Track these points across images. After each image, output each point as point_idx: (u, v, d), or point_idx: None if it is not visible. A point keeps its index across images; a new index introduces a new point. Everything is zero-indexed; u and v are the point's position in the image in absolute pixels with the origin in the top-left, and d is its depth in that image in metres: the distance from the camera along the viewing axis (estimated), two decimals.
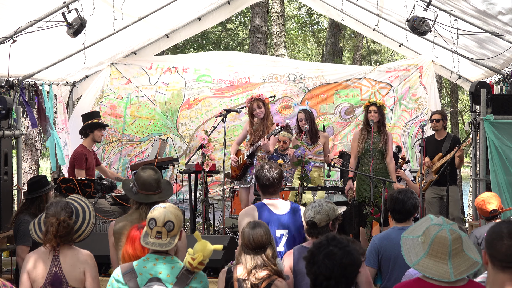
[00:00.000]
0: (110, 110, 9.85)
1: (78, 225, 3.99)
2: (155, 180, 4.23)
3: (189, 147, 9.88)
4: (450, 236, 2.83)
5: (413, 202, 4.41)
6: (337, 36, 15.78)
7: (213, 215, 8.73)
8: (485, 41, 7.15)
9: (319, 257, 2.75)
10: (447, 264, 2.81)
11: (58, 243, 3.85)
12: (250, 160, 7.25)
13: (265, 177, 4.58)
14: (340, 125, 9.92)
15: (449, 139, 8.15)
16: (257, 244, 3.72)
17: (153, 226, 3.35)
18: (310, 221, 4.04)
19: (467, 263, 2.84)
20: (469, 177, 10.40)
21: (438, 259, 2.83)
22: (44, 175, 6.28)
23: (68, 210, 3.95)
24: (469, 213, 13.83)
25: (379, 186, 6.90)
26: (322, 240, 2.85)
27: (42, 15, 6.33)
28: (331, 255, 2.74)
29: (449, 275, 2.79)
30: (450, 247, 2.81)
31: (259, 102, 7.25)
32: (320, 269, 2.73)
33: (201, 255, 3.26)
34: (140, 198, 4.22)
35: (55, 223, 3.83)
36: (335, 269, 2.71)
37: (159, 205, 3.44)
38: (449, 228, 2.86)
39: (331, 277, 2.71)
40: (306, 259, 2.84)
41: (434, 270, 2.81)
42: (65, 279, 3.81)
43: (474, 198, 6.92)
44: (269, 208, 4.58)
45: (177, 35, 9.81)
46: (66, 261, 3.85)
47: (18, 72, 7.76)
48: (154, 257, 3.35)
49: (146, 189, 4.22)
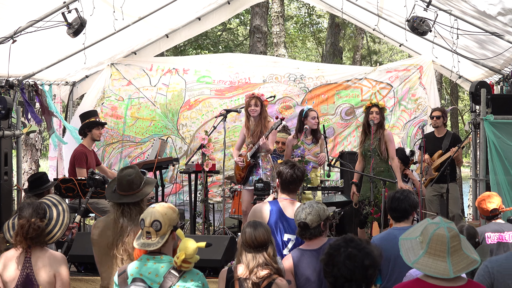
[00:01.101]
0: (111, 111, 9.85)
1: (50, 226, 3.96)
2: (128, 181, 4.01)
3: (190, 148, 9.87)
4: (448, 234, 2.84)
5: (410, 201, 4.42)
6: (337, 36, 15.78)
7: (213, 215, 8.72)
8: (485, 41, 7.15)
9: (339, 259, 2.72)
10: (446, 262, 2.81)
11: (29, 245, 3.82)
12: (254, 160, 7.21)
13: (289, 174, 4.58)
14: (340, 125, 9.91)
15: (448, 137, 8.16)
16: (259, 242, 3.72)
17: (143, 227, 3.36)
18: (302, 222, 4.06)
19: (466, 261, 2.85)
20: (469, 177, 10.40)
21: (437, 257, 2.83)
22: (44, 172, 6.30)
23: (41, 212, 3.92)
24: (469, 213, 13.82)
25: (379, 186, 6.91)
26: (340, 242, 2.82)
27: (42, 15, 6.34)
28: (352, 257, 2.72)
29: (449, 272, 2.79)
30: (449, 245, 2.81)
31: (257, 100, 7.25)
32: (341, 271, 2.71)
33: (183, 253, 3.23)
34: (112, 197, 4.07)
35: (26, 225, 3.80)
36: (357, 270, 2.69)
37: (150, 206, 3.44)
38: (447, 226, 2.86)
39: (352, 279, 2.69)
40: (324, 261, 2.80)
41: (433, 267, 2.82)
42: (36, 281, 3.78)
43: (474, 198, 6.93)
44: (282, 209, 4.57)
45: (177, 35, 9.82)
46: (37, 263, 3.82)
47: (18, 72, 7.76)
48: (146, 257, 3.35)
49: (119, 189, 4.06)
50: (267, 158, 7.26)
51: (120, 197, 4.04)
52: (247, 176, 7.27)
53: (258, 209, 4.65)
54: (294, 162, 4.71)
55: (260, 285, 3.65)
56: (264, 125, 7.20)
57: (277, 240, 4.55)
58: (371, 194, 6.90)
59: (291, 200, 4.63)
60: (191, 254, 3.25)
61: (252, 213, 4.68)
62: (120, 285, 3.29)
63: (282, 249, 4.55)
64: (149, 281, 3.24)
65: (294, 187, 4.65)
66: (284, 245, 4.55)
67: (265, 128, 7.17)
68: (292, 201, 4.63)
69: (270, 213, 4.56)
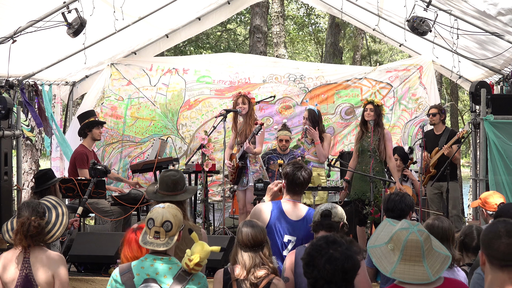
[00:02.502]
0: (111, 111, 9.85)
1: (50, 226, 3.96)
2: (173, 181, 4.08)
3: (190, 148, 9.88)
4: (421, 238, 2.83)
5: (407, 201, 4.47)
6: (337, 36, 15.78)
7: (213, 215, 8.73)
8: (485, 42, 7.15)
9: (320, 261, 2.70)
10: (423, 266, 2.81)
11: (29, 244, 3.81)
12: (243, 163, 7.26)
13: (295, 176, 4.50)
14: (340, 125, 9.91)
15: (446, 133, 8.18)
16: (256, 241, 3.71)
17: (151, 226, 3.33)
18: (328, 210, 4.04)
19: (440, 260, 2.85)
20: (469, 177, 10.40)
21: (413, 263, 2.82)
22: (49, 168, 6.30)
23: (40, 210, 3.92)
24: (469, 213, 13.82)
25: (379, 186, 6.91)
26: (321, 243, 2.79)
27: (42, 15, 6.34)
28: (333, 260, 2.69)
29: (428, 276, 2.79)
30: (423, 248, 2.81)
31: (245, 98, 7.30)
32: (321, 273, 2.69)
33: (197, 256, 3.24)
34: (156, 197, 4.11)
35: (26, 223, 3.79)
36: (336, 273, 2.68)
37: (158, 205, 3.42)
38: (417, 229, 2.85)
39: (331, 281, 2.69)
40: (304, 260, 2.79)
41: (411, 274, 2.81)
42: (34, 281, 3.77)
43: (474, 198, 6.93)
44: (283, 210, 4.51)
45: (177, 35, 9.82)
46: (36, 263, 3.80)
47: (18, 72, 7.77)
48: (152, 257, 3.33)
49: (162, 189, 4.11)
50: (255, 159, 7.31)
51: (163, 196, 4.07)
52: (237, 177, 7.34)
53: (258, 209, 4.59)
54: (302, 164, 4.62)
55: (258, 286, 3.64)
56: (249, 124, 7.24)
57: (277, 241, 4.50)
58: (371, 194, 6.90)
59: (294, 202, 4.56)
60: (204, 257, 3.27)
61: (252, 212, 4.62)
62: (125, 284, 3.27)
63: (282, 250, 4.49)
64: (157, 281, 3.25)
65: (300, 189, 4.57)
66: (284, 247, 4.50)
67: (249, 127, 7.21)
68: (295, 203, 4.56)
69: (271, 214, 4.50)
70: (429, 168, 8.12)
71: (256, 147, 7.24)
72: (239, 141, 7.34)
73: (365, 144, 7.19)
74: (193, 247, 3.31)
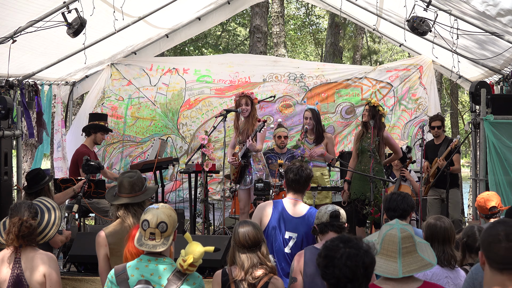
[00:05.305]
0: (111, 111, 9.85)
1: (42, 226, 3.96)
2: (129, 183, 4.09)
3: (190, 147, 9.88)
4: (400, 234, 2.88)
5: (408, 201, 4.49)
6: (337, 36, 15.77)
7: (213, 215, 8.73)
8: (485, 42, 7.15)
9: (340, 260, 2.67)
10: (397, 262, 2.84)
11: (21, 244, 3.80)
12: (245, 161, 7.21)
13: (294, 174, 4.71)
14: (340, 124, 9.91)
15: (445, 143, 8.20)
16: (253, 241, 3.71)
17: (146, 228, 3.32)
18: (337, 211, 4.15)
19: (420, 264, 2.87)
20: (469, 177, 10.40)
21: (388, 257, 2.87)
22: (40, 168, 6.30)
23: (32, 210, 3.92)
24: (469, 213, 13.83)
25: (379, 186, 6.92)
26: (337, 243, 2.76)
27: (42, 15, 6.34)
28: (353, 257, 2.67)
29: (397, 272, 2.82)
30: (400, 245, 2.84)
31: (248, 99, 7.24)
32: (343, 271, 2.65)
33: (191, 257, 3.23)
34: (115, 200, 4.11)
35: (17, 223, 3.79)
36: (358, 269, 2.66)
37: (152, 206, 3.41)
38: (400, 227, 2.89)
39: (353, 279, 2.67)
40: (322, 263, 2.74)
41: (383, 267, 2.87)
42: (25, 281, 3.76)
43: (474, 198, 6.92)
44: (285, 208, 4.72)
45: (177, 35, 9.83)
46: (27, 263, 3.79)
47: (18, 72, 7.76)
48: (146, 258, 3.33)
49: (121, 191, 4.12)
50: (258, 157, 7.26)
51: (122, 199, 4.07)
52: (240, 176, 7.30)
53: (261, 207, 4.81)
54: (302, 163, 4.83)
55: (256, 286, 3.64)
56: (251, 123, 7.21)
57: (279, 238, 4.67)
58: (371, 194, 6.90)
59: (295, 200, 4.76)
60: (198, 258, 3.26)
61: (255, 211, 4.84)
62: (120, 285, 3.27)
63: (283, 247, 4.66)
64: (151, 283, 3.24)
65: (299, 187, 4.75)
66: (285, 243, 4.66)
67: (252, 126, 7.18)
68: (296, 201, 4.75)
69: (273, 211, 4.71)
70: (429, 179, 8.12)
71: (257, 145, 7.22)
72: (240, 140, 7.32)
73: (365, 144, 7.20)
74: (187, 247, 3.30)
